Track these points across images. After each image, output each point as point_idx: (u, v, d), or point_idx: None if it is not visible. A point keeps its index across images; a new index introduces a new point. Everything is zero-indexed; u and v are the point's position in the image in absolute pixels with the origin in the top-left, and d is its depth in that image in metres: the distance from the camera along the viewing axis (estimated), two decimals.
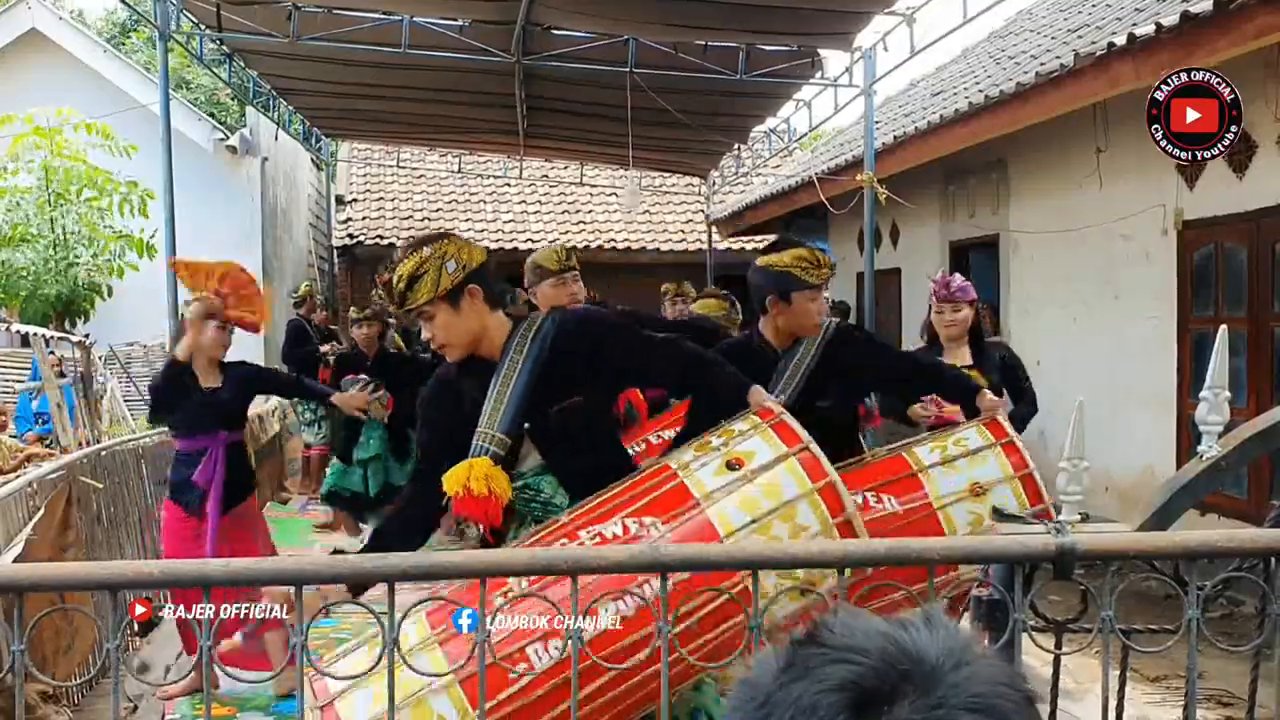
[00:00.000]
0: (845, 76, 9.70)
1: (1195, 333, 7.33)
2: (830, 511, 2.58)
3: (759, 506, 2.57)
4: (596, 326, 3.08)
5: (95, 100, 13.36)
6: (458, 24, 9.08)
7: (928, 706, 0.72)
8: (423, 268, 2.88)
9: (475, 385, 2.96)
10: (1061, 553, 1.77)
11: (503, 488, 2.80)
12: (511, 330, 3.00)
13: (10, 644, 1.80)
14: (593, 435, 3.01)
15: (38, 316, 12.11)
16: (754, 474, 2.61)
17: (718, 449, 2.71)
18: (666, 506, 2.61)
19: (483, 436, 2.86)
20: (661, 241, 18.25)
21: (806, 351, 3.79)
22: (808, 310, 3.78)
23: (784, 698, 0.75)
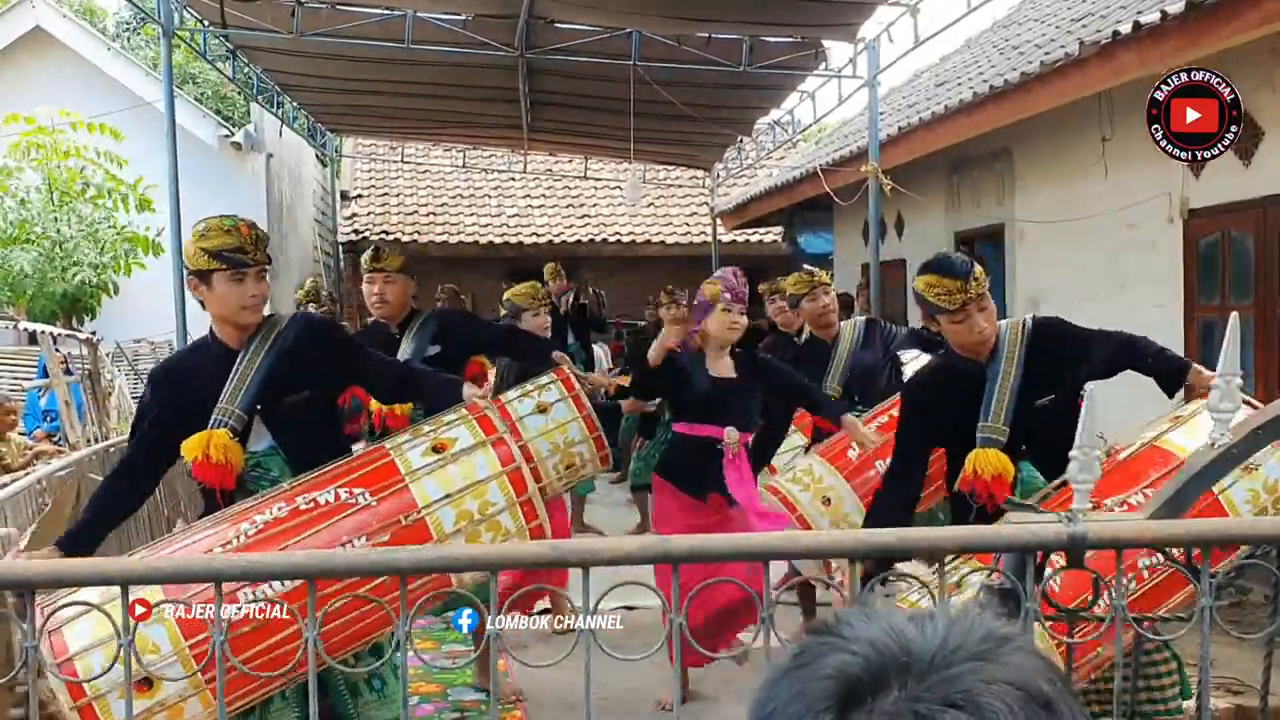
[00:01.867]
0: (849, 68, 9.67)
1: (1201, 320, 7.31)
2: (515, 491, 3.03)
3: (454, 484, 3.00)
4: (330, 334, 3.65)
5: (100, 98, 13.37)
6: (461, 18, 9.07)
7: (910, 699, 0.72)
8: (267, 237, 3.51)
9: (215, 368, 3.36)
10: (1073, 541, 1.76)
11: (237, 457, 3.24)
12: (259, 324, 3.41)
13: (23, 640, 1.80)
14: (317, 423, 3.44)
15: (44, 314, 12.13)
16: (455, 456, 3.05)
17: (427, 435, 3.16)
18: (375, 480, 3.02)
19: (222, 411, 3.27)
20: (666, 234, 18.24)
21: (1011, 356, 3.60)
22: (956, 330, 3.61)
23: (785, 684, 0.76)
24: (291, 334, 3.42)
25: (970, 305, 3.52)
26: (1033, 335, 3.63)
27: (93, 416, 9.98)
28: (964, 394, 3.56)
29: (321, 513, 2.95)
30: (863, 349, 5.72)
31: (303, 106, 13.39)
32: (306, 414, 3.40)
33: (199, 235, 3.35)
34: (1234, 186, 6.81)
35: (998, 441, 3.45)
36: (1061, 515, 1.83)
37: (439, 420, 3.25)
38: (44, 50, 14.36)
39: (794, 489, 5.00)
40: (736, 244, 17.83)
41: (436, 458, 3.07)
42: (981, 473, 3.38)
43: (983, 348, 3.62)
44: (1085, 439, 1.94)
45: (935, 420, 3.67)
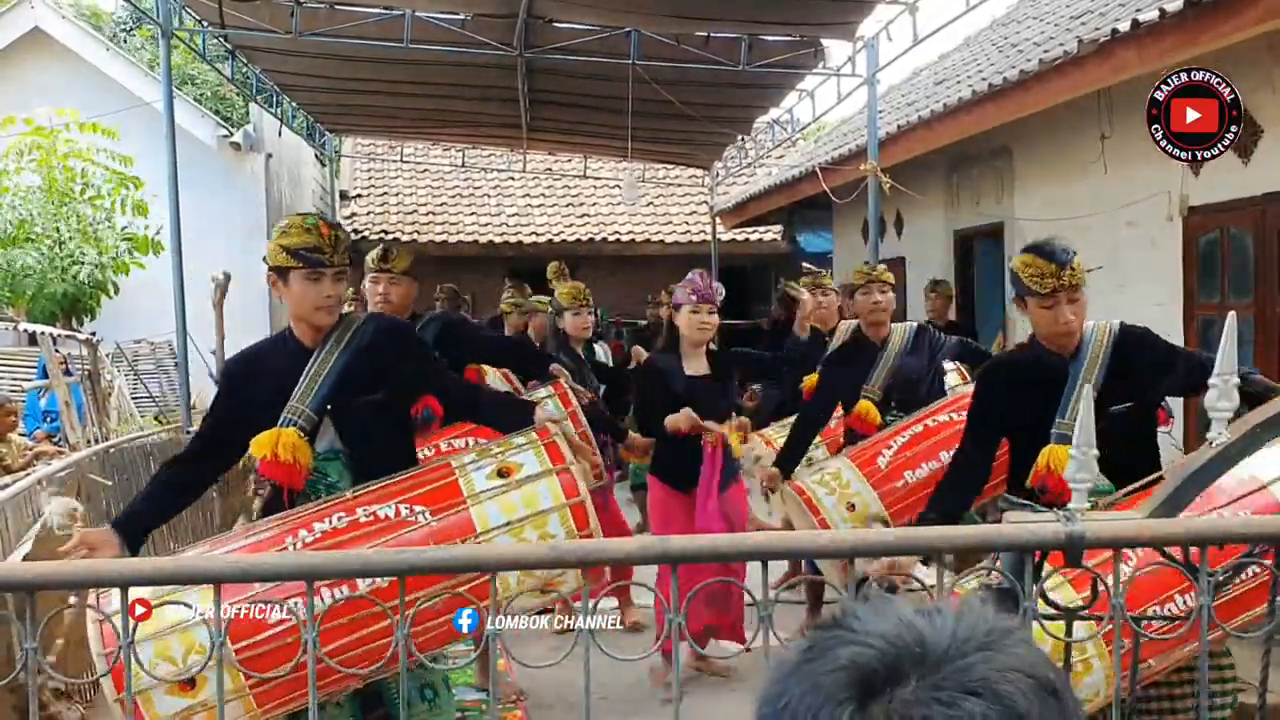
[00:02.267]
0: (848, 66, 9.67)
1: (1201, 318, 7.31)
2: (577, 525, 2.97)
3: (515, 511, 2.96)
4: (404, 340, 3.56)
5: (99, 98, 13.37)
6: (459, 18, 9.07)
7: (930, 687, 0.73)
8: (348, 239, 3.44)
9: (289, 364, 3.33)
10: (1071, 541, 1.76)
11: (306, 457, 3.20)
12: (336, 322, 3.37)
13: (23, 641, 1.81)
14: (385, 429, 3.39)
15: (44, 315, 12.13)
16: (519, 483, 3.01)
17: (495, 456, 3.12)
18: (437, 499, 2.99)
19: (292, 410, 3.23)
20: (666, 233, 18.24)
21: (1095, 357, 3.56)
22: (1042, 317, 3.57)
23: (799, 678, 0.77)
24: (369, 333, 3.40)
25: (1061, 293, 3.50)
26: (1119, 339, 3.60)
27: (93, 417, 9.98)
28: (1042, 387, 3.53)
29: (380, 528, 2.92)
30: (910, 354, 5.57)
31: (301, 106, 13.38)
32: (377, 418, 3.37)
33: (280, 232, 3.32)
34: (1233, 184, 6.81)
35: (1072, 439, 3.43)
36: (1059, 514, 1.84)
37: (508, 442, 3.21)
38: (43, 51, 14.36)
39: (819, 491, 4.89)
40: (736, 243, 17.83)
41: (501, 482, 3.03)
42: (1055, 469, 3.35)
43: (1067, 341, 3.58)
44: (1083, 437, 1.94)
45: (1010, 408, 3.64)
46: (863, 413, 5.41)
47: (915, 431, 5.08)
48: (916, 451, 4.99)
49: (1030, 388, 3.62)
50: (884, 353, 5.54)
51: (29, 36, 14.33)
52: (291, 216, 3.37)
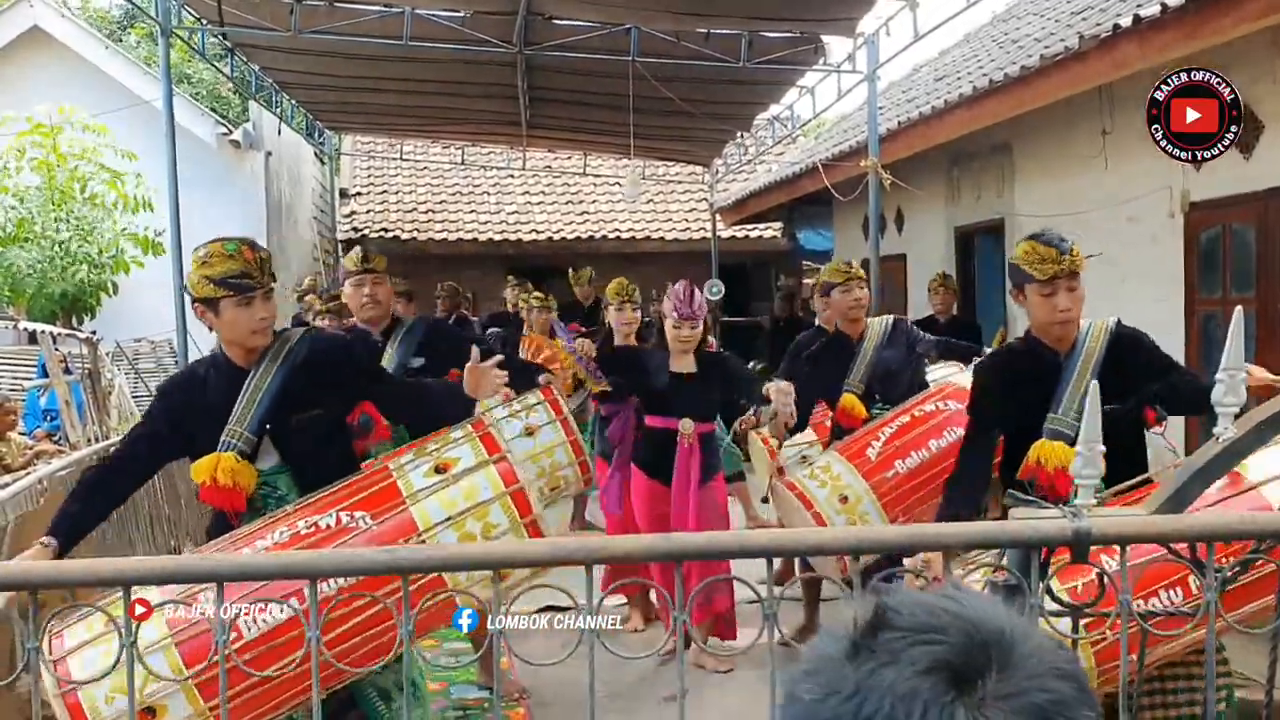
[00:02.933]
0: (848, 62, 9.66)
1: (1203, 314, 7.30)
2: (520, 512, 2.99)
3: (456, 505, 2.97)
4: (340, 357, 3.53)
5: (98, 97, 13.35)
6: (459, 15, 9.06)
7: (1024, 676, 0.74)
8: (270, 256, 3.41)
9: (224, 387, 3.31)
10: (1077, 537, 1.76)
11: (247, 480, 3.21)
12: (269, 343, 3.35)
13: (25, 641, 1.80)
14: (325, 441, 3.39)
15: (44, 314, 12.12)
16: (456, 477, 3.01)
17: (431, 454, 3.12)
18: (376, 502, 3.00)
19: (231, 434, 3.23)
20: (666, 230, 18.23)
21: (1090, 353, 3.56)
22: (1040, 305, 3.57)
23: (876, 684, 0.75)
24: (303, 351, 3.38)
25: (1060, 280, 3.52)
26: (1114, 338, 3.61)
27: (93, 416, 9.98)
28: (1037, 381, 3.56)
29: (322, 537, 2.93)
30: (888, 347, 5.63)
31: (301, 104, 13.37)
32: (316, 433, 3.37)
33: (201, 262, 3.26)
34: (1235, 179, 6.79)
35: (1065, 435, 3.43)
36: (1065, 510, 1.83)
37: (445, 438, 3.21)
38: (42, 49, 14.33)
39: (810, 485, 4.93)
40: (736, 240, 17.82)
41: (438, 479, 3.04)
42: (1045, 463, 3.38)
43: (1064, 332, 3.60)
44: (1089, 433, 1.93)
45: (1005, 402, 3.67)
46: (847, 407, 5.49)
47: (903, 422, 5.12)
48: (905, 441, 5.03)
49: (1025, 381, 3.64)
50: (862, 347, 5.63)
51: (28, 35, 14.30)
52: (210, 244, 3.31)
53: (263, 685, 2.56)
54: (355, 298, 5.18)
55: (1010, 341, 3.94)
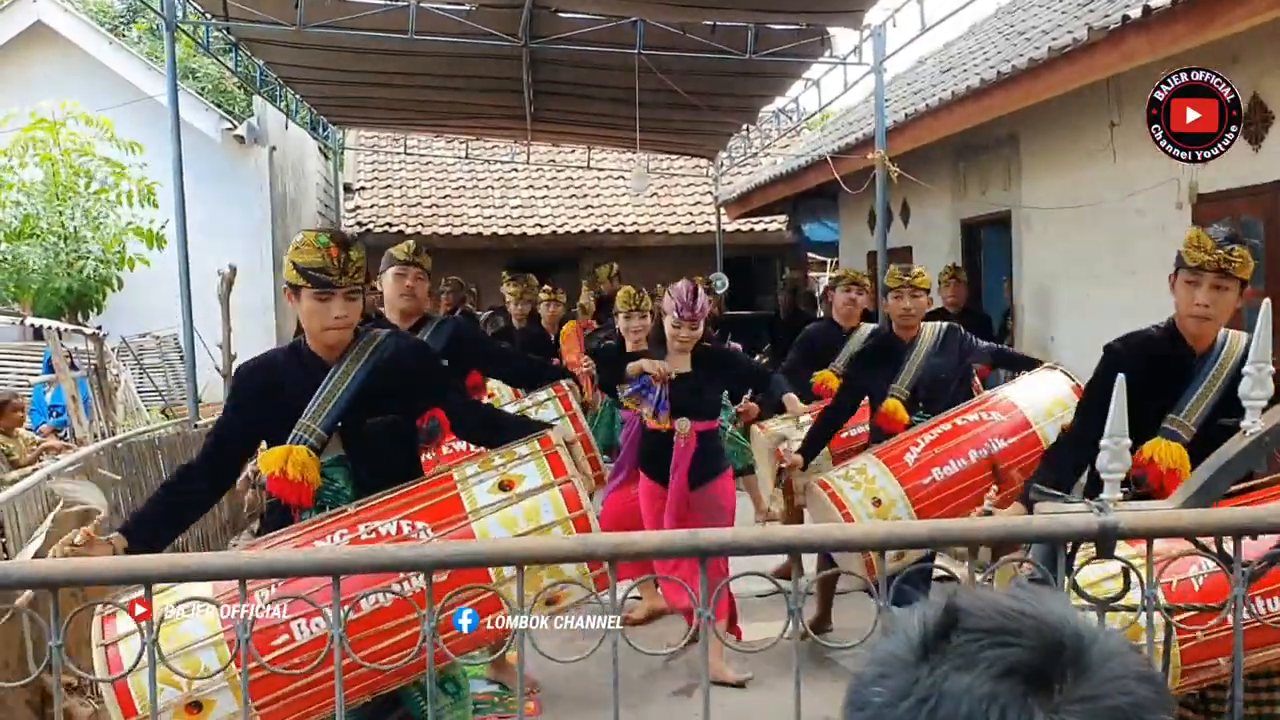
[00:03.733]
0: (854, 54, 9.64)
1: None
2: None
3: (518, 525, 2.94)
4: (424, 363, 3.52)
5: (102, 92, 13.35)
6: (465, 9, 9.04)
7: (1103, 680, 0.74)
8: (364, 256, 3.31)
9: (303, 378, 3.28)
10: (1104, 531, 1.75)
11: (315, 476, 3.17)
12: (354, 339, 3.33)
13: (47, 639, 1.79)
14: (393, 445, 3.37)
15: (49, 310, 12.13)
16: (520, 497, 2.98)
17: (496, 469, 3.08)
18: (438, 515, 2.97)
19: (303, 428, 3.20)
20: (670, 224, 18.22)
21: (1225, 363, 3.43)
22: (1183, 293, 3.43)
23: (951, 689, 0.74)
24: (387, 354, 3.34)
25: (1206, 274, 3.38)
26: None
27: (99, 412, 9.98)
28: (1166, 375, 3.43)
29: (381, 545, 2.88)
30: (938, 354, 5.54)
31: (305, 99, 13.35)
32: (386, 437, 3.34)
33: (295, 247, 3.25)
34: (1244, 171, 6.77)
35: (1180, 438, 3.34)
36: (1092, 505, 1.82)
37: (510, 452, 3.16)
38: (46, 45, 14.33)
39: (844, 486, 4.86)
40: (740, 233, 17.80)
41: (502, 496, 3.00)
42: (1159, 462, 3.28)
43: (1199, 330, 3.47)
44: (1114, 427, 1.92)
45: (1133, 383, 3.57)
46: (890, 411, 5.39)
47: (944, 430, 5.06)
48: (945, 449, 4.97)
49: (1154, 371, 3.49)
50: (912, 352, 5.53)
51: (31, 30, 14.29)
52: (307, 232, 3.30)
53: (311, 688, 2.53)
54: (395, 287, 5.12)
55: (1148, 327, 3.76)
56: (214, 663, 2.52)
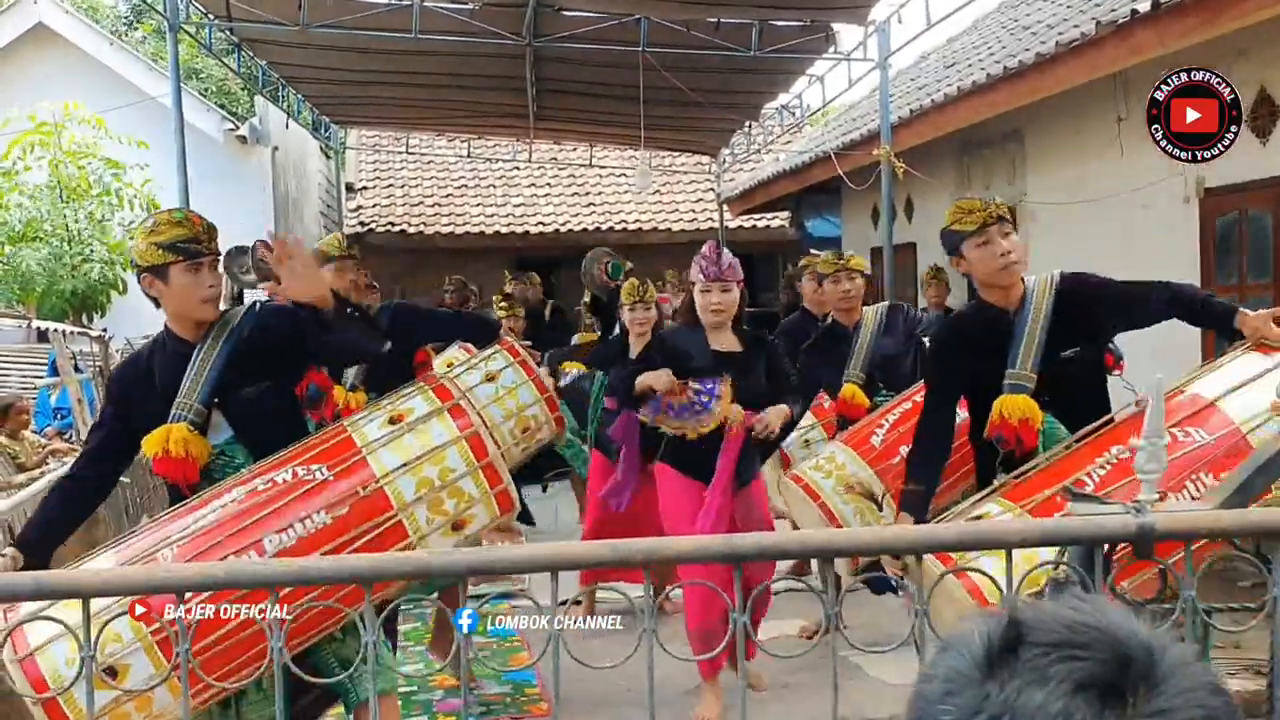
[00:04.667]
0: (859, 50, 9.62)
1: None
2: (475, 455, 3.02)
3: (411, 452, 2.99)
4: (286, 321, 3.41)
5: (104, 93, 13.33)
6: (468, 8, 9.02)
7: (1176, 693, 0.72)
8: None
9: (172, 364, 3.32)
10: (1141, 533, 1.74)
11: (199, 451, 3.19)
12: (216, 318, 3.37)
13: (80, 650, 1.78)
14: (275, 412, 3.39)
15: (54, 313, 12.11)
16: (411, 425, 3.05)
17: (385, 408, 3.18)
18: (332, 455, 3.02)
19: (181, 406, 3.22)
20: (672, 221, 18.19)
21: (1039, 306, 3.60)
22: (980, 258, 3.61)
23: (1024, 705, 0.73)
24: (248, 323, 3.39)
25: (991, 227, 3.58)
26: (1060, 288, 3.64)
27: None
28: (991, 342, 3.60)
29: (278, 491, 2.94)
30: (885, 335, 5.63)
31: (307, 99, 13.34)
32: (265, 404, 3.37)
33: (149, 231, 3.29)
34: (1251, 165, 6.76)
35: (1025, 388, 3.49)
36: (1129, 506, 1.81)
37: (397, 394, 3.27)
38: (47, 46, 14.31)
39: (816, 476, 4.88)
40: (743, 229, 17.77)
41: (393, 428, 3.06)
42: (1009, 417, 3.43)
43: (1010, 281, 3.63)
44: (1152, 429, 1.91)
45: (961, 365, 3.72)
46: (849, 396, 5.44)
47: (905, 409, 5.07)
48: (909, 427, 4.96)
49: (979, 343, 3.68)
50: (858, 337, 5.60)
51: (32, 32, 14.28)
52: (157, 214, 3.36)
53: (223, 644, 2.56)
54: (338, 281, 4.95)
55: (959, 309, 4.01)
56: (127, 632, 2.54)
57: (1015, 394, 3.49)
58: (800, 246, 18.32)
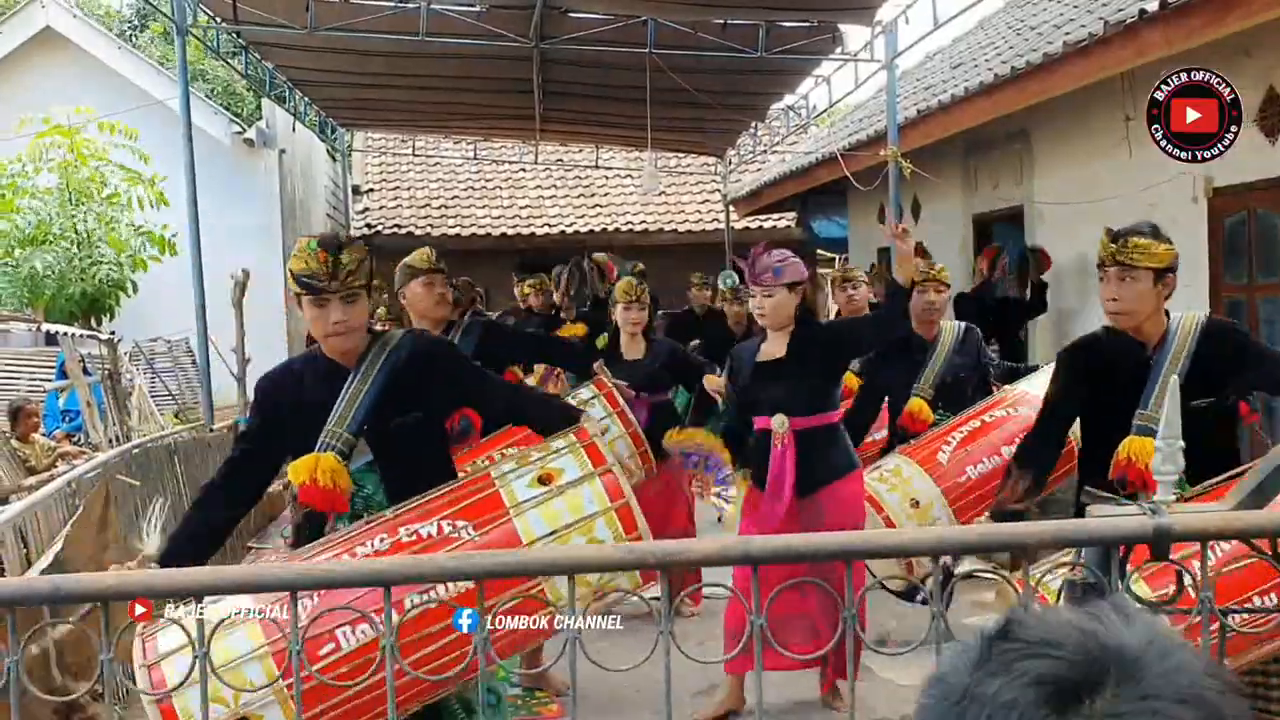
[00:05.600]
0: (866, 51, 9.62)
1: (1228, 300, 7.25)
2: (625, 529, 2.88)
3: (560, 519, 2.88)
4: (444, 357, 3.46)
5: (111, 97, 13.36)
6: (475, 10, 9.03)
7: (1136, 697, 0.72)
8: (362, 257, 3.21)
9: (323, 385, 3.24)
10: (1158, 534, 1.74)
11: (345, 482, 3.13)
12: (370, 341, 3.28)
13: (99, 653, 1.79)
14: (421, 445, 3.33)
15: (63, 315, 12.14)
16: (561, 489, 2.92)
17: (534, 463, 3.03)
18: (479, 512, 2.92)
19: (330, 435, 3.16)
20: (679, 223, 18.20)
21: (1180, 348, 3.46)
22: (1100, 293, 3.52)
23: (981, 693, 0.75)
24: (405, 353, 3.28)
25: (1110, 268, 3.46)
26: (1204, 333, 3.50)
27: (113, 416, 10.00)
28: (1125, 374, 3.48)
29: (424, 546, 2.85)
30: (958, 354, 5.51)
31: (314, 102, 13.36)
32: (414, 435, 3.28)
33: (293, 255, 3.20)
34: (1260, 164, 6.74)
35: (1153, 431, 3.25)
36: (1145, 507, 1.81)
37: (547, 447, 3.11)
38: (55, 51, 14.35)
39: (880, 488, 4.81)
40: (749, 230, 17.78)
41: (542, 490, 2.94)
42: (1136, 460, 3.29)
43: (1117, 325, 3.52)
44: (1168, 429, 1.91)
45: (1089, 393, 3.59)
46: (915, 411, 5.32)
47: (972, 427, 5.02)
48: (976, 447, 4.94)
49: (1109, 374, 3.54)
50: (934, 351, 5.48)
51: (40, 36, 14.32)
52: (301, 238, 3.23)
53: (360, 698, 2.50)
54: (427, 297, 5.07)
55: (1096, 330, 3.81)
56: (260, 676, 2.51)
57: (1144, 436, 3.33)
58: (807, 248, 18.34)
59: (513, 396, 3.73)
